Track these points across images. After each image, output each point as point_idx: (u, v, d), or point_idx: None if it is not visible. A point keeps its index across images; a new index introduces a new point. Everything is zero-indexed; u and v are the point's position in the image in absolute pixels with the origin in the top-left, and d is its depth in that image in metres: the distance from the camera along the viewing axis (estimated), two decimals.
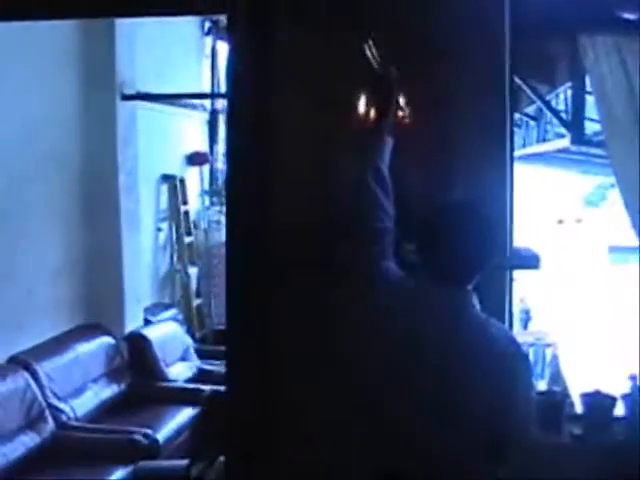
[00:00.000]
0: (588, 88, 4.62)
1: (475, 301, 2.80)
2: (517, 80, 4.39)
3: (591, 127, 5.37)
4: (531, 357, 8.06)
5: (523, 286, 11.16)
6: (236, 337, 3.87)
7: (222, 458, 4.08)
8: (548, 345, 11.15)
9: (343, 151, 3.52)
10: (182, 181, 9.41)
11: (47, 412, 5.98)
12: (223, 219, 9.46)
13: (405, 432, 2.71)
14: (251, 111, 3.70)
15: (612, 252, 27.58)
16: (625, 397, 4.19)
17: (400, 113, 3.44)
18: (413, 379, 2.70)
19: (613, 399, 4.17)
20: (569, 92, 5.50)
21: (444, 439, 2.65)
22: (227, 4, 3.80)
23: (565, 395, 4.78)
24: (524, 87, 5.15)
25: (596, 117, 4.75)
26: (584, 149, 6.62)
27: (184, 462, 4.24)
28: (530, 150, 7.83)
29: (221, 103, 10.15)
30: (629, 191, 4.20)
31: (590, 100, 4.81)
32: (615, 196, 27.36)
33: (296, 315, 3.63)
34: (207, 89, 10.29)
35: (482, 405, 2.64)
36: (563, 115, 6.04)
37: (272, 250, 3.64)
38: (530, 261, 4.09)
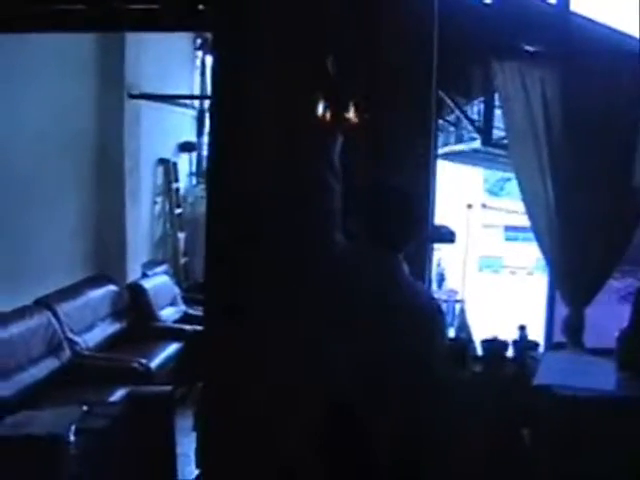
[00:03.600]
0: (497, 102, 4.62)
1: (405, 266, 2.81)
2: (441, 93, 4.38)
3: (497, 133, 5.40)
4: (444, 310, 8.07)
5: (439, 253, 11.23)
6: (210, 288, 3.88)
7: (200, 384, 4.05)
8: (457, 301, 11.25)
9: (304, 144, 3.51)
10: (174, 164, 9.35)
11: (65, 343, 5.93)
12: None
13: (351, 369, 2.71)
14: (229, 109, 3.69)
15: (507, 231, 27.89)
16: (515, 343, 4.25)
17: (349, 116, 3.43)
18: (355, 324, 2.71)
19: (506, 344, 4.23)
20: (482, 105, 5.51)
21: (381, 374, 2.66)
22: (212, 23, 3.79)
23: (469, 341, 4.83)
24: (446, 99, 5.15)
25: (501, 126, 4.76)
26: (490, 150, 6.68)
27: (168, 387, 4.20)
28: (449, 149, 7.86)
29: (207, 103, 10.09)
30: (525, 183, 4.24)
31: (497, 112, 4.82)
32: (510, 187, 27.65)
33: (261, 273, 3.62)
34: (197, 92, 10.19)
35: (409, 346, 2.66)
36: (476, 123, 6.06)
37: (242, 219, 3.63)
38: (448, 236, 4.11)
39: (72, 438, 3.37)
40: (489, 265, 25.41)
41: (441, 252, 11.75)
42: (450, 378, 3.53)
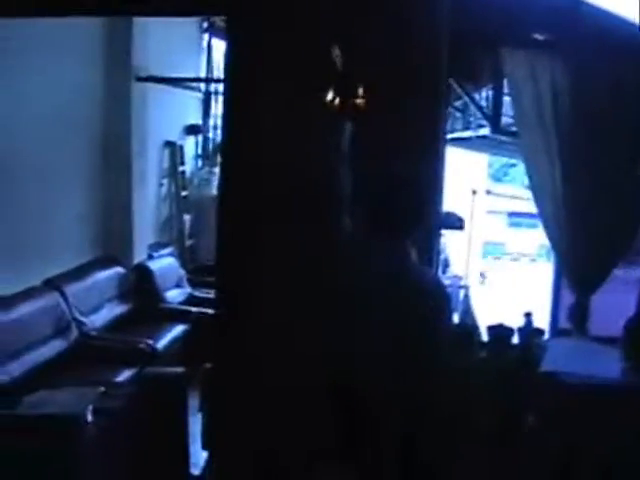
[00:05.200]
0: (506, 90, 4.63)
1: (413, 252, 2.83)
2: (449, 79, 4.39)
3: (505, 120, 5.42)
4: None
5: (443, 239, 11.23)
6: (221, 269, 3.92)
7: (206, 364, 4.10)
8: (461, 287, 11.25)
9: (314, 129, 3.53)
10: (181, 147, 9.36)
11: (73, 324, 5.99)
12: (212, 177, 9.50)
13: (360, 353, 2.74)
14: (241, 93, 3.71)
15: (510, 217, 27.83)
16: (520, 330, 4.27)
17: (358, 102, 3.45)
18: (364, 310, 2.73)
19: (511, 331, 4.26)
20: (490, 92, 5.51)
21: (390, 358, 2.69)
22: (226, 7, 3.80)
23: (475, 327, 4.85)
24: (455, 85, 5.15)
25: (510, 113, 4.77)
26: (498, 137, 6.69)
27: (180, 369, 4.25)
28: (455, 135, 7.86)
29: (213, 86, 10.12)
30: (533, 170, 4.26)
31: (506, 99, 4.83)
32: (515, 173, 27.59)
33: (271, 255, 3.65)
34: (203, 75, 10.18)
35: (416, 331, 2.69)
36: (484, 109, 6.06)
37: (253, 202, 3.66)
38: (456, 223, 4.14)
39: (90, 418, 3.42)
40: (492, 252, 25.36)
41: (445, 238, 11.75)
42: (456, 362, 3.56)
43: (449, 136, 7.33)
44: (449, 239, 12.60)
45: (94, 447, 3.38)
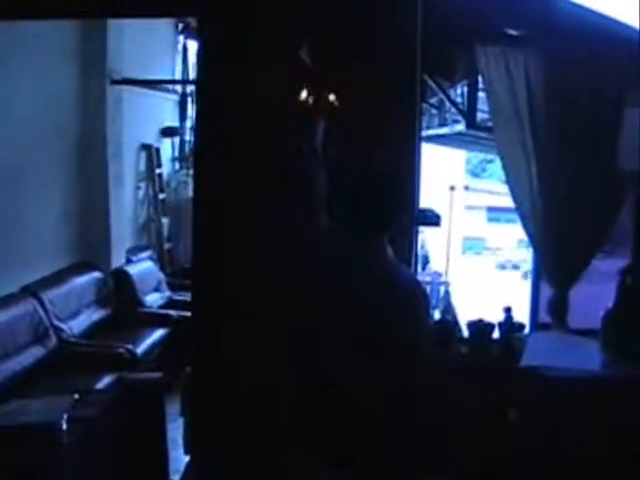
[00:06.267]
0: (480, 86, 4.63)
1: (389, 249, 2.82)
2: (424, 76, 4.38)
3: (481, 116, 5.41)
4: (428, 293, 8.12)
5: (423, 235, 11.27)
6: (198, 273, 3.90)
7: (187, 368, 4.08)
8: (441, 283, 11.30)
9: (287, 129, 3.52)
10: (157, 149, 9.30)
11: (51, 330, 5.92)
12: (189, 180, 9.45)
13: (334, 348, 2.72)
14: (213, 94, 3.71)
15: (489, 212, 27.98)
16: (500, 325, 4.28)
17: (331, 100, 3.44)
18: (340, 306, 2.72)
19: (491, 326, 4.26)
20: (465, 88, 5.51)
21: (365, 353, 2.67)
22: (197, 9, 3.79)
23: (455, 322, 4.85)
24: (430, 82, 5.15)
25: (485, 108, 4.77)
26: (474, 132, 6.69)
27: (158, 374, 4.23)
28: (432, 132, 7.87)
29: (190, 88, 10.05)
30: (509, 166, 4.26)
31: (481, 95, 4.83)
32: (493, 169, 27.73)
33: (248, 257, 3.64)
34: (179, 76, 10.14)
35: (392, 330, 2.68)
36: (460, 106, 6.06)
37: (227, 205, 3.65)
38: (433, 219, 4.14)
39: (65, 426, 3.39)
40: (471, 247, 25.49)
41: (425, 234, 11.77)
42: (435, 360, 3.56)
43: (425, 133, 7.35)
44: (428, 235, 12.63)
45: (70, 456, 3.34)
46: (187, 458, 3.94)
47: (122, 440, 3.58)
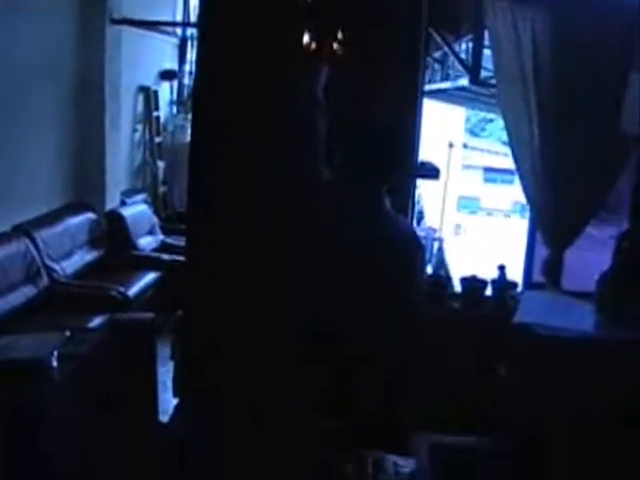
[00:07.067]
0: (486, 42, 4.56)
1: (387, 200, 2.81)
2: (429, 29, 4.32)
3: (484, 73, 5.38)
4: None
5: (418, 190, 11.27)
6: (192, 219, 3.88)
7: (179, 312, 4.08)
8: (435, 239, 11.32)
9: (289, 75, 3.48)
10: (155, 92, 9.21)
11: (43, 270, 5.93)
12: (187, 124, 9.37)
13: (333, 298, 2.73)
14: (214, 38, 3.65)
15: (486, 172, 27.90)
16: (494, 282, 4.30)
17: (335, 46, 3.39)
18: (338, 255, 2.72)
19: (485, 283, 4.29)
20: (470, 43, 5.44)
21: (363, 302, 2.68)
22: None
23: (448, 278, 4.86)
24: (435, 35, 5.08)
25: (489, 66, 4.73)
26: (476, 89, 6.64)
27: (149, 314, 4.22)
28: (434, 87, 7.79)
29: (190, 31, 9.92)
30: (511, 124, 4.23)
31: (487, 52, 4.77)
32: (492, 128, 27.58)
33: (248, 202, 3.62)
34: (179, 19, 9.98)
35: (390, 277, 2.68)
36: (464, 61, 6.00)
37: (226, 150, 3.62)
38: (432, 172, 4.12)
39: (55, 363, 3.39)
40: (466, 206, 25.45)
41: (420, 189, 11.77)
42: (428, 314, 3.58)
43: (427, 87, 7.29)
44: (424, 191, 12.62)
45: (59, 393, 3.35)
46: (176, 400, 3.96)
47: (112, 379, 3.58)
